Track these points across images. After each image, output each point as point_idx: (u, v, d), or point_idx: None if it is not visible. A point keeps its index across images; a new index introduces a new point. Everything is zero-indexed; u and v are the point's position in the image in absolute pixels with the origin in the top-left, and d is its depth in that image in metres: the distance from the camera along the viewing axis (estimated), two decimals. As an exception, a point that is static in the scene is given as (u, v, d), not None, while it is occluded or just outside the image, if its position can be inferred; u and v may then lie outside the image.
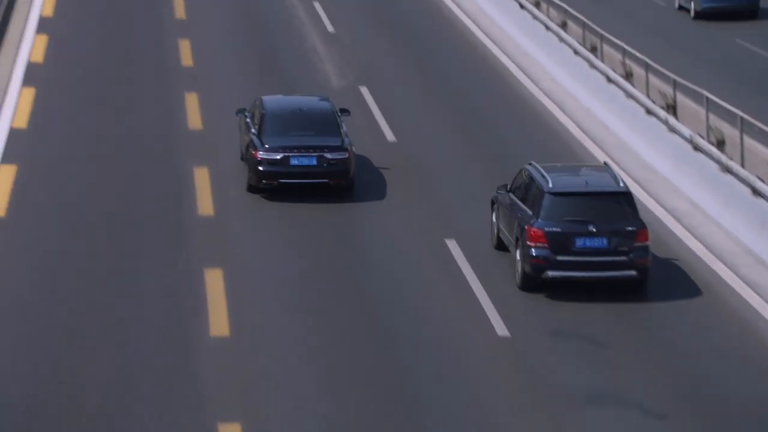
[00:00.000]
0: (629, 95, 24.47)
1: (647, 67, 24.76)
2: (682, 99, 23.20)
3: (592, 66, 26.61)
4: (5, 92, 25.68)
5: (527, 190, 17.62)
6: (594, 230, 16.99)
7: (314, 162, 20.63)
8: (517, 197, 17.86)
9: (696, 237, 19.43)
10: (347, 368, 14.93)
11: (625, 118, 24.39)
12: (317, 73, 28.21)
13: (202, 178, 21.37)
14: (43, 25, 30.94)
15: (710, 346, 15.93)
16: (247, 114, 21.83)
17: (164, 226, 19.29)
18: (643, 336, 16.14)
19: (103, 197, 20.38)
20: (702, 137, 21.39)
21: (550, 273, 16.98)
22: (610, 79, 25.54)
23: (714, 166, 20.41)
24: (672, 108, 23.28)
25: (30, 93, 25.61)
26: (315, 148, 20.66)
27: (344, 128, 21.34)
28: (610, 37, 27.11)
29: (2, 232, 18.86)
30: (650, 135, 23.12)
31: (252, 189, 20.84)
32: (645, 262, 17.09)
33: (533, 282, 17.18)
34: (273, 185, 20.60)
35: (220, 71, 27.96)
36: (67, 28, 31.00)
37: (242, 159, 21.81)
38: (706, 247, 19.03)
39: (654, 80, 24.51)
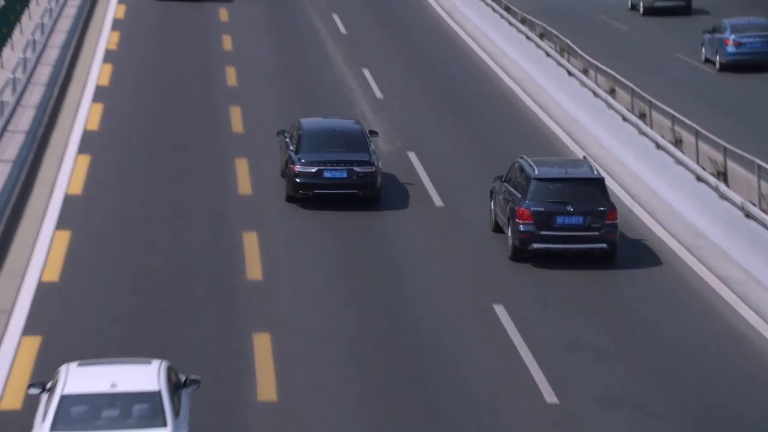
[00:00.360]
0: (679, 162, 24.42)
1: (697, 134, 24.71)
2: (732, 166, 23.09)
3: (641, 132, 26.60)
4: (61, 159, 26.08)
5: (518, 178, 21.02)
6: (571, 210, 20.42)
7: (345, 175, 23.42)
8: (510, 185, 21.25)
9: (749, 305, 19.23)
10: (395, 435, 14.88)
11: (675, 185, 24.31)
12: (366, 140, 28.42)
13: (251, 242, 21.53)
14: (99, 94, 31.46)
15: None
16: (286, 135, 24.63)
17: (214, 290, 19.43)
18: (698, 406, 15.94)
19: (155, 262, 20.57)
20: (754, 204, 21.26)
21: (535, 245, 20.37)
22: (659, 146, 25.52)
23: (767, 233, 20.25)
24: (723, 175, 23.18)
25: (85, 160, 25.98)
26: (345, 163, 23.46)
27: (372, 146, 24.11)
28: (659, 104, 27.11)
29: (56, 297, 19.07)
30: (701, 202, 23.02)
31: (290, 199, 23.60)
32: (614, 237, 20.52)
33: (521, 254, 20.51)
34: (308, 195, 23.36)
35: (269, 137, 28.26)
36: (122, 97, 31.48)
37: (282, 175, 24.40)
38: (760, 315, 18.84)
39: (704, 146, 24.44)
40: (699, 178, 23.32)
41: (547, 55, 33.95)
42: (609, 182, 25.80)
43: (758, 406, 15.96)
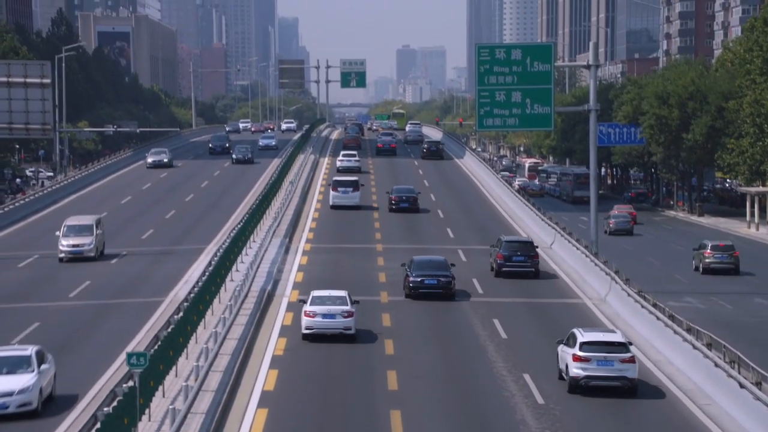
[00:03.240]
0: None
1: None
2: None
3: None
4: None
5: (498, 245, 53.56)
6: (519, 254, 52.62)
7: (435, 282, 47.06)
8: (495, 246, 53.71)
9: None
10: None
11: None
12: (527, 446, 28.11)
13: None
14: (265, 399, 31.89)
15: None
16: (406, 265, 48.45)
17: None
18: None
19: None
20: None
21: (504, 269, 52.31)
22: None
23: None
24: None
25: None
26: (435, 276, 47.15)
27: (452, 269, 47.85)
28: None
29: None
30: None
31: (408, 296, 46.99)
32: (537, 266, 53.12)
33: (499, 273, 52.33)
34: (417, 292, 46.72)
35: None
36: (287, 402, 31.75)
37: (403, 287, 47.68)
38: None
39: None
40: None
41: (716, 365, 33.21)
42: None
43: None
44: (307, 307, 39.36)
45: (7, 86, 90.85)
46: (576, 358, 33.03)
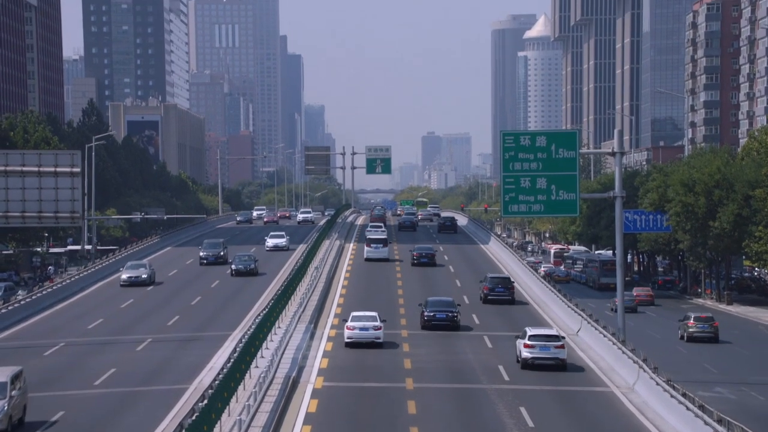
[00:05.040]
0: None
1: None
2: None
3: None
4: None
5: (485, 279, 75.92)
6: (500, 286, 74.12)
7: (444, 316, 62.01)
8: (482, 282, 75.96)
9: None
10: None
11: None
12: None
13: None
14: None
15: None
16: (422, 306, 63.61)
17: None
18: None
19: None
20: None
21: (489, 297, 73.41)
22: None
23: None
24: None
25: None
26: (445, 311, 62.17)
27: (458, 307, 63.51)
28: None
29: None
30: None
31: (423, 327, 61.44)
32: (513, 295, 74.11)
33: (484, 301, 73.29)
34: (430, 324, 61.51)
35: None
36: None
37: (420, 322, 62.41)
38: None
39: None
40: None
41: (745, 454, 32.85)
42: None
43: None
44: (348, 323, 56.42)
45: (37, 175, 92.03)
46: (526, 345, 50.72)
